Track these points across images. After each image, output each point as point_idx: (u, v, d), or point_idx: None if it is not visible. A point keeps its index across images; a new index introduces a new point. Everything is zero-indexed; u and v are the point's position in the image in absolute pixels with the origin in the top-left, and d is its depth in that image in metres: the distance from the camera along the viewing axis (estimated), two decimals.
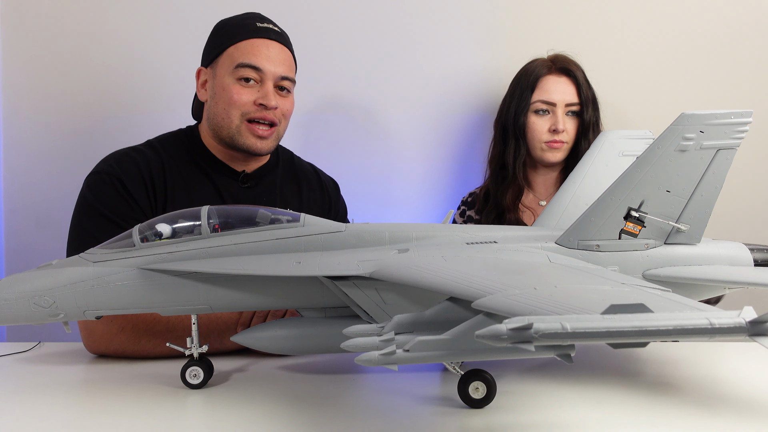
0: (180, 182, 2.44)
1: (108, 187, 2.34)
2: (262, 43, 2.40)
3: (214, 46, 2.46)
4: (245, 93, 2.37)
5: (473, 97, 3.30)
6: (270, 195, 2.56)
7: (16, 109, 3.27)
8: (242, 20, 2.46)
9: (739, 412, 1.65)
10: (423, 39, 3.28)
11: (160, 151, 2.48)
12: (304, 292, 1.82)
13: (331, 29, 3.27)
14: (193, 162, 2.50)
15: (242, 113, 2.38)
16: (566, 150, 2.87)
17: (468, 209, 3.05)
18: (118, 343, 2.19)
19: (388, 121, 3.32)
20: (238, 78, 2.37)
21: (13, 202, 3.30)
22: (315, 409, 1.70)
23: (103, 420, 1.65)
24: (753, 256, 1.93)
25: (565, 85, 2.84)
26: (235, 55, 2.38)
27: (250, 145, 2.41)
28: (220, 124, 2.42)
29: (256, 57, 2.37)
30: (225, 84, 2.38)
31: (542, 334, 0.97)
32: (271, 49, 2.41)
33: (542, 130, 2.84)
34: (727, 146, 1.78)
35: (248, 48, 2.38)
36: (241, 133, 2.40)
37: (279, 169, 2.66)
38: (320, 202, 2.72)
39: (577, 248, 1.83)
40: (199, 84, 2.52)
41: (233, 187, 2.51)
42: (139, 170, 2.38)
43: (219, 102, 2.40)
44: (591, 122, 2.84)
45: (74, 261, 1.80)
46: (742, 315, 0.98)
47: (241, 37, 2.40)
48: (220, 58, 2.42)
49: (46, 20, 3.24)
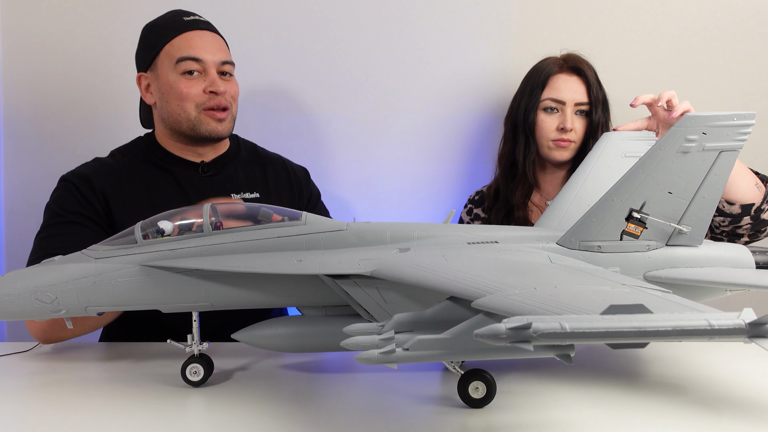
0: (140, 184, 2.50)
1: (62, 189, 2.48)
2: (195, 34, 2.47)
3: (148, 49, 2.52)
4: (193, 85, 2.44)
5: (481, 97, 3.29)
6: (233, 181, 2.61)
7: (16, 109, 3.27)
8: (169, 19, 2.54)
9: (739, 412, 1.65)
10: (432, 38, 3.27)
11: (118, 157, 2.59)
12: (305, 291, 1.83)
13: (339, 28, 3.26)
14: (152, 163, 2.57)
15: (196, 104, 2.46)
16: (573, 149, 2.86)
17: (475, 207, 3.05)
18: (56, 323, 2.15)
19: (391, 120, 3.32)
20: (181, 73, 2.44)
21: (13, 202, 3.31)
22: (315, 409, 1.71)
23: (103, 419, 1.66)
24: (755, 259, 1.92)
25: (576, 84, 2.84)
26: (173, 52, 2.45)
27: (212, 130, 2.49)
28: (177, 120, 2.48)
29: (194, 49, 2.44)
30: (171, 81, 2.45)
31: (541, 333, 0.97)
32: (205, 39, 2.48)
33: (550, 128, 2.83)
34: (729, 148, 1.78)
35: (183, 43, 2.45)
36: (201, 121, 2.47)
37: (240, 156, 2.72)
38: (288, 187, 2.76)
39: (578, 249, 1.83)
40: (142, 89, 2.58)
41: (194, 177, 2.57)
42: (86, 177, 2.47)
43: (170, 100, 2.47)
44: (600, 123, 2.82)
45: (76, 257, 1.81)
46: (741, 317, 0.98)
47: (172, 35, 2.46)
48: (158, 59, 2.49)
49: (46, 20, 3.24)
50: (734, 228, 2.50)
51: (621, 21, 3.25)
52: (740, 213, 2.45)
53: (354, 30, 3.27)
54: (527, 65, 2.96)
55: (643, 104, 2.43)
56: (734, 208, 2.44)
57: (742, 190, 2.43)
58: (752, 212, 2.45)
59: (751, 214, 2.45)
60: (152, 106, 2.59)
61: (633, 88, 3.16)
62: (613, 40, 3.24)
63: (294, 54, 3.21)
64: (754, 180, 2.47)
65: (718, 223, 2.52)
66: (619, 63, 3.20)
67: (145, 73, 2.55)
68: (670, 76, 3.23)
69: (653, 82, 3.22)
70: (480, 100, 3.30)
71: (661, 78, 3.23)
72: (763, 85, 3.21)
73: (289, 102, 3.16)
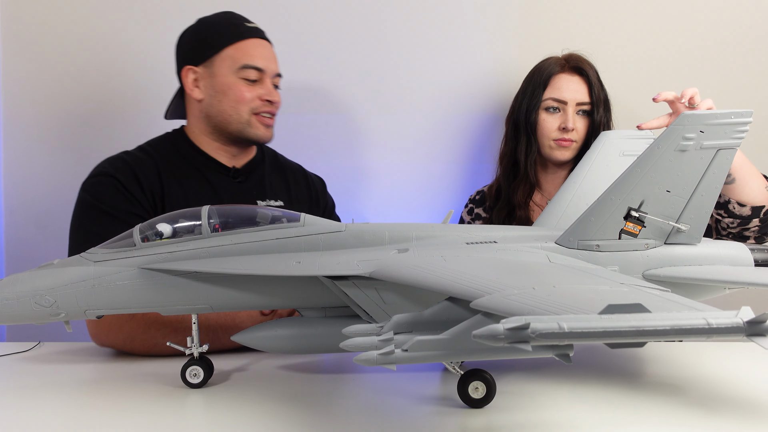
0: (174, 181, 2.51)
1: (106, 186, 2.41)
2: (258, 43, 2.58)
3: (206, 46, 2.55)
4: (252, 91, 2.53)
5: (482, 97, 3.29)
6: (260, 188, 2.68)
7: (16, 109, 3.27)
8: (230, 20, 2.59)
9: (739, 412, 1.65)
10: (433, 38, 3.27)
11: (152, 153, 2.57)
12: (304, 292, 1.83)
13: (340, 28, 3.26)
14: (185, 161, 2.59)
15: (251, 108, 2.54)
16: (575, 149, 2.85)
17: (476, 207, 3.05)
18: (126, 331, 2.20)
19: (391, 120, 3.32)
20: (241, 77, 2.51)
21: (13, 202, 3.30)
22: (315, 409, 1.70)
23: (103, 419, 1.66)
24: (753, 257, 1.93)
25: (577, 84, 2.83)
26: (237, 57, 2.51)
27: (261, 135, 2.59)
28: (227, 120, 2.55)
29: (258, 58, 2.54)
30: (230, 83, 2.51)
31: (539, 333, 0.97)
32: (266, 50, 2.60)
33: (552, 127, 2.83)
34: (727, 146, 1.78)
35: (249, 49, 2.54)
36: (251, 125, 2.56)
37: (265, 164, 2.78)
38: (307, 196, 2.83)
39: (577, 248, 1.83)
40: (189, 82, 2.57)
41: (226, 182, 2.61)
42: (132, 170, 2.46)
43: (224, 100, 2.53)
44: (602, 123, 2.82)
45: (75, 261, 1.80)
46: (739, 315, 0.98)
47: (236, 38, 2.54)
48: (217, 58, 2.53)
49: (46, 20, 3.24)
50: (742, 230, 2.51)
51: (622, 21, 3.25)
52: (750, 215, 2.47)
53: (354, 30, 3.27)
54: (529, 65, 2.96)
55: (664, 101, 2.42)
56: (745, 209, 2.46)
57: (754, 192, 2.46)
58: (761, 215, 2.47)
59: (760, 217, 2.48)
60: (196, 101, 2.58)
61: (635, 88, 3.17)
62: (615, 40, 3.24)
63: (294, 54, 3.20)
64: (765, 183, 2.50)
65: (726, 225, 2.54)
66: (621, 63, 3.20)
67: (196, 68, 2.55)
68: (672, 75, 3.23)
69: (655, 81, 3.22)
70: (481, 100, 3.30)
71: (662, 77, 3.23)
72: (761, 84, 3.21)
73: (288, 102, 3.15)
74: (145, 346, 2.21)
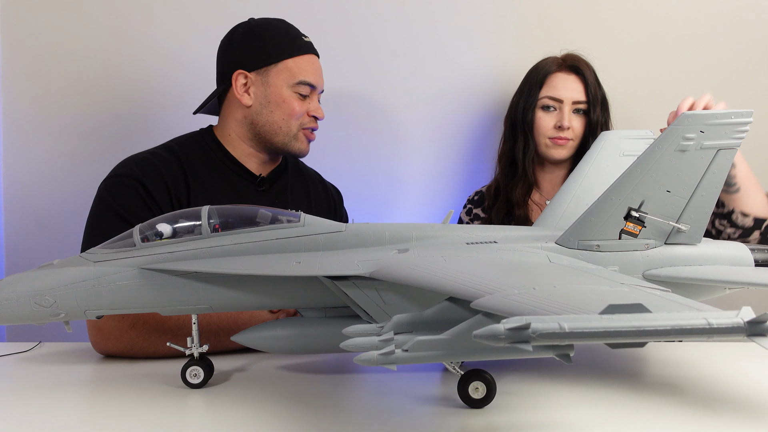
0: (200, 187, 2.47)
1: (129, 190, 2.35)
2: (313, 60, 2.60)
3: (265, 55, 2.51)
4: (302, 106, 2.56)
5: (481, 97, 3.29)
6: (282, 197, 2.66)
7: (16, 109, 3.27)
8: (288, 32, 2.57)
9: (739, 412, 1.65)
10: (432, 38, 3.28)
11: (179, 154, 2.50)
12: (304, 292, 1.82)
13: (338, 28, 3.26)
14: (212, 165, 2.54)
15: (300, 123, 2.56)
16: (571, 148, 2.86)
17: (475, 207, 3.05)
18: (127, 340, 2.20)
19: (390, 120, 3.32)
20: (296, 92, 2.53)
21: (13, 202, 3.30)
22: (315, 409, 1.70)
23: (103, 420, 1.66)
24: (753, 257, 1.92)
25: (574, 82, 2.84)
26: (296, 71, 2.52)
27: (303, 149, 2.62)
28: (275, 131, 2.55)
29: (313, 75, 2.56)
30: (284, 95, 2.52)
31: (540, 334, 0.97)
32: (318, 66, 2.61)
33: (548, 126, 2.84)
34: (727, 146, 1.78)
35: (305, 65, 2.55)
36: (297, 138, 2.58)
37: (288, 173, 2.75)
38: (326, 206, 2.84)
39: (577, 248, 1.83)
40: (239, 87, 2.53)
41: (250, 189, 2.58)
42: (161, 175, 2.40)
43: (276, 111, 2.53)
44: (599, 122, 2.83)
45: (75, 261, 1.80)
46: (740, 315, 0.98)
47: (296, 53, 2.54)
48: (275, 68, 2.52)
49: (46, 20, 3.25)
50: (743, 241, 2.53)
51: (622, 21, 3.26)
52: (752, 226, 2.51)
53: (353, 30, 3.28)
54: (527, 65, 2.97)
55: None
56: (747, 220, 2.48)
57: (758, 203, 2.50)
58: (763, 228, 2.51)
59: (761, 230, 2.51)
60: (244, 106, 2.54)
61: (633, 88, 3.17)
62: (614, 40, 3.24)
63: None
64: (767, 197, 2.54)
65: (728, 235, 2.55)
66: (620, 63, 3.20)
67: (249, 74, 2.52)
68: (671, 75, 3.23)
69: (653, 81, 3.23)
70: (480, 100, 3.30)
71: (661, 78, 3.23)
72: (761, 84, 3.21)
73: None
74: (146, 353, 2.21)
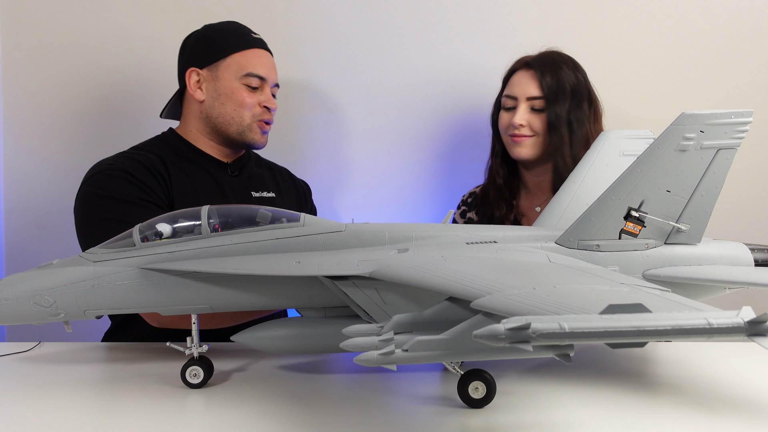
0: (179, 170, 2.56)
1: (115, 179, 2.37)
2: (262, 53, 2.69)
3: (213, 51, 2.64)
4: (253, 97, 2.64)
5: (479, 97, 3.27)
6: (251, 180, 2.78)
7: (16, 109, 3.27)
8: (237, 29, 2.69)
9: (739, 412, 1.65)
10: (429, 39, 3.28)
11: (151, 149, 2.60)
12: (304, 292, 1.83)
13: (325, 29, 3.27)
14: (184, 157, 2.64)
15: (252, 114, 2.64)
16: (533, 145, 2.77)
17: (468, 210, 3.04)
18: None
19: (389, 120, 3.32)
20: (244, 84, 2.62)
21: (13, 202, 3.30)
22: (315, 409, 1.70)
23: (103, 419, 1.66)
24: (753, 256, 1.93)
25: (529, 78, 2.77)
26: (243, 63, 2.62)
27: (258, 140, 2.70)
28: (228, 122, 2.63)
29: (261, 67, 2.65)
30: (233, 88, 2.61)
31: (540, 334, 0.97)
32: (268, 60, 2.71)
33: (506, 123, 2.82)
34: (727, 146, 1.78)
35: (253, 58, 2.64)
36: (251, 129, 2.66)
37: (252, 160, 2.87)
38: (296, 195, 2.92)
39: (577, 248, 1.83)
40: (191, 83, 2.65)
41: (224, 174, 2.70)
42: (140, 162, 2.47)
43: (226, 103, 2.62)
44: (561, 118, 2.68)
45: (75, 261, 1.80)
46: (740, 315, 0.97)
47: (243, 47, 2.64)
48: (223, 63, 2.62)
49: (46, 20, 3.25)
50: None
51: (615, 21, 3.25)
52: None
53: (349, 31, 3.27)
54: None
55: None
56: None
57: None
58: None
59: None
60: (197, 101, 2.65)
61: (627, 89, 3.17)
62: (607, 40, 3.24)
63: (290, 55, 3.21)
64: None
65: None
66: (609, 62, 3.20)
67: (200, 70, 2.63)
68: (666, 76, 3.23)
69: (647, 82, 3.23)
70: (478, 100, 3.29)
71: (651, 75, 3.23)
72: (761, 84, 3.21)
73: (285, 102, 3.16)
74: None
